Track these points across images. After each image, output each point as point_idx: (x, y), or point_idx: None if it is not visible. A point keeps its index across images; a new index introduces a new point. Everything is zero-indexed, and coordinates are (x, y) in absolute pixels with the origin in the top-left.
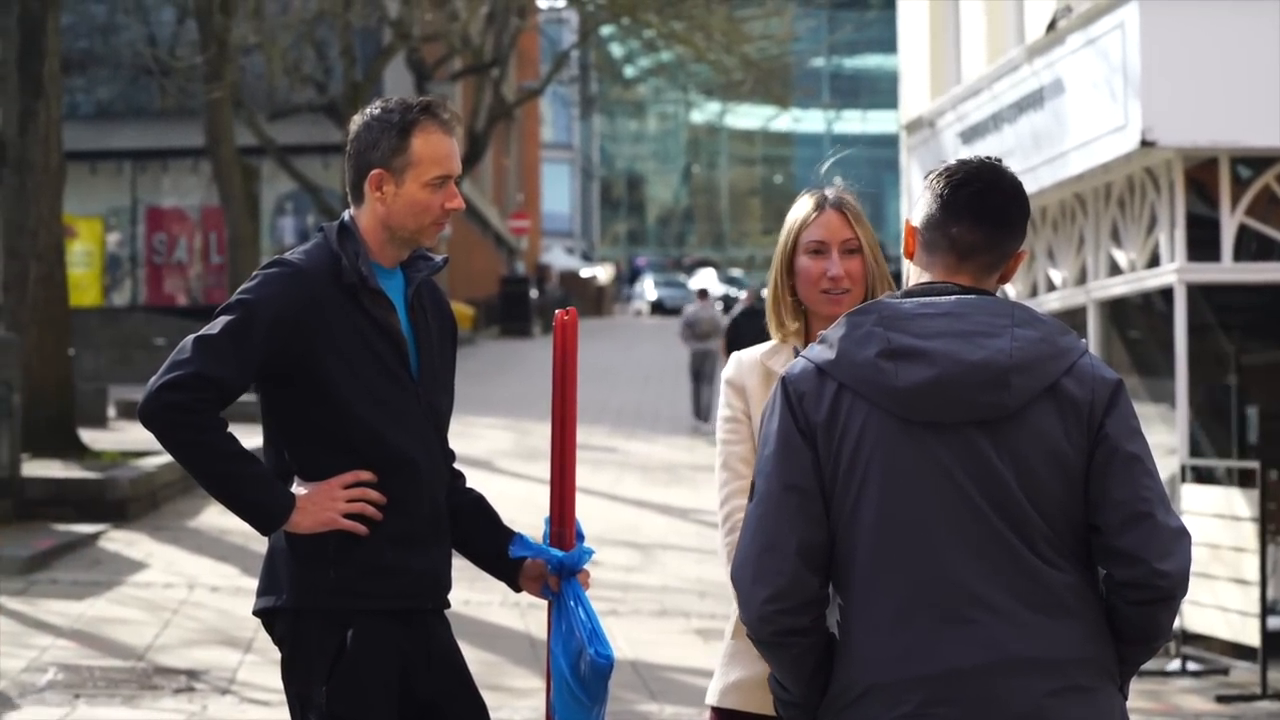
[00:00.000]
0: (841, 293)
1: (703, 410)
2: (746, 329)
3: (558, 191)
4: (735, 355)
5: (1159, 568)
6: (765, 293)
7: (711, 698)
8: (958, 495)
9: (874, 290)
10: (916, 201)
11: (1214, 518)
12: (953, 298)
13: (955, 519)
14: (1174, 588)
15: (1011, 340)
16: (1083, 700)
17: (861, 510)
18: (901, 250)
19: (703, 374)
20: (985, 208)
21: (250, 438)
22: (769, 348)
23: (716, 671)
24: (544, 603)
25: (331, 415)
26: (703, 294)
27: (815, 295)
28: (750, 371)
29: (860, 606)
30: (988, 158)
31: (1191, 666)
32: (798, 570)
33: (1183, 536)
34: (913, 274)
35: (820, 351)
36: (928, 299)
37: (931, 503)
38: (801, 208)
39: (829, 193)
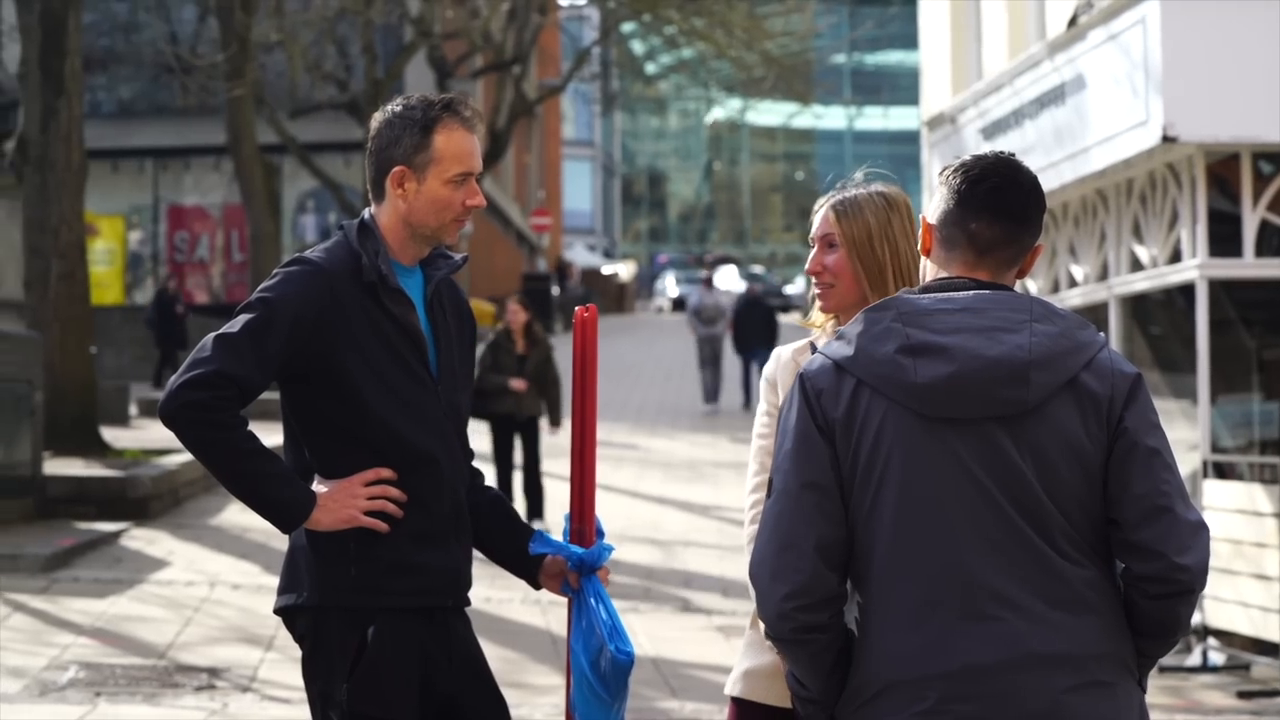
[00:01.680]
0: (825, 286)
1: (709, 393)
2: (747, 317)
3: (579, 188)
4: (776, 351)
5: (1178, 562)
6: (788, 289)
7: (731, 687)
8: (977, 491)
9: (870, 285)
10: (933, 198)
11: (1236, 513)
12: (970, 293)
13: (974, 515)
14: (1193, 581)
15: (1030, 335)
16: (1103, 695)
17: (880, 507)
18: (919, 246)
19: (709, 358)
20: (1004, 203)
21: (271, 436)
22: (803, 344)
23: (737, 659)
24: (564, 600)
25: (351, 413)
26: (708, 282)
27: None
28: (785, 368)
29: (879, 603)
30: (1002, 152)
31: (1213, 662)
32: (816, 567)
33: (1201, 530)
34: (929, 270)
35: (838, 348)
36: (945, 294)
37: (951, 498)
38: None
39: (842, 191)
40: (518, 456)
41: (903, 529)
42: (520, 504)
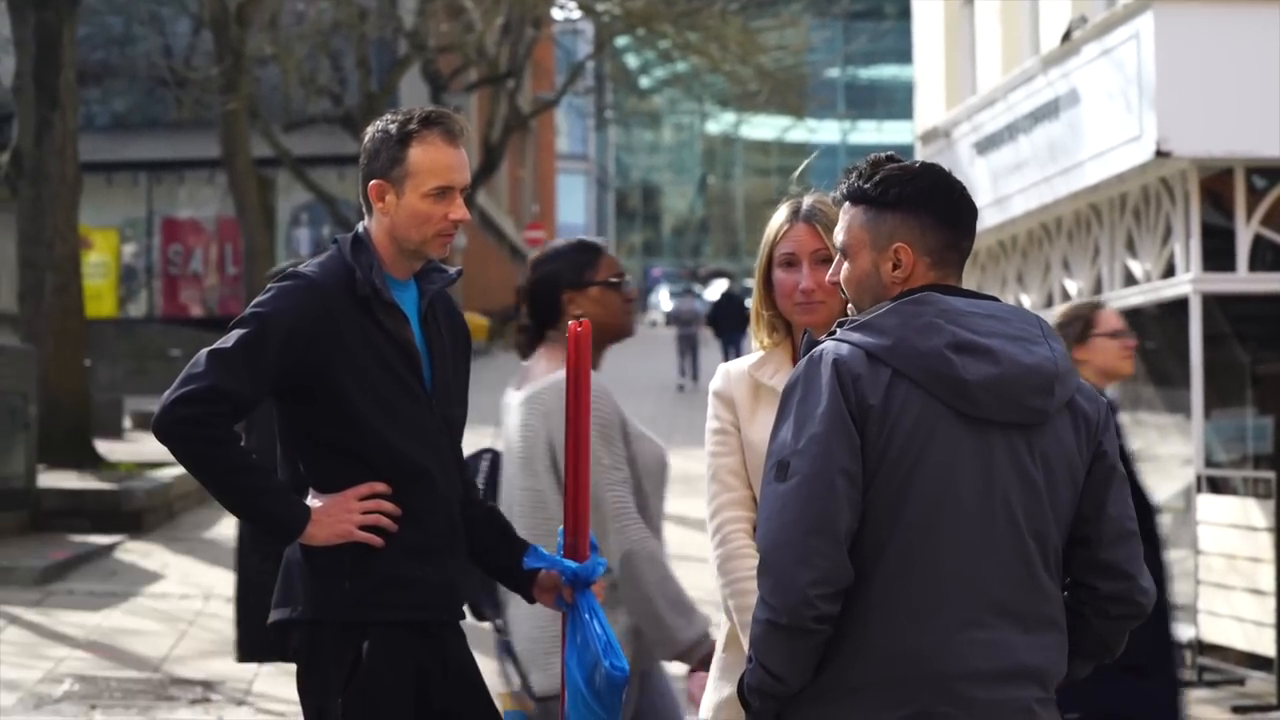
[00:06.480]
0: (817, 304)
1: (689, 373)
2: (725, 310)
3: (573, 202)
4: (723, 367)
5: (1143, 584)
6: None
7: (705, 712)
8: (999, 496)
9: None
10: (902, 221)
11: (1230, 528)
12: (991, 301)
13: (991, 520)
14: (1149, 606)
15: (1050, 349)
16: (1053, 713)
17: (903, 501)
18: (892, 269)
19: (686, 349)
20: (973, 216)
21: None
22: (756, 359)
23: (709, 686)
24: (559, 615)
25: (346, 428)
26: (687, 291)
27: (790, 307)
28: (738, 383)
29: (881, 597)
30: (911, 160)
31: (1207, 677)
32: (842, 555)
33: None
34: (890, 285)
35: (868, 337)
36: (968, 299)
37: (974, 501)
38: (776, 219)
39: (805, 202)
40: None
41: (922, 526)
42: None
